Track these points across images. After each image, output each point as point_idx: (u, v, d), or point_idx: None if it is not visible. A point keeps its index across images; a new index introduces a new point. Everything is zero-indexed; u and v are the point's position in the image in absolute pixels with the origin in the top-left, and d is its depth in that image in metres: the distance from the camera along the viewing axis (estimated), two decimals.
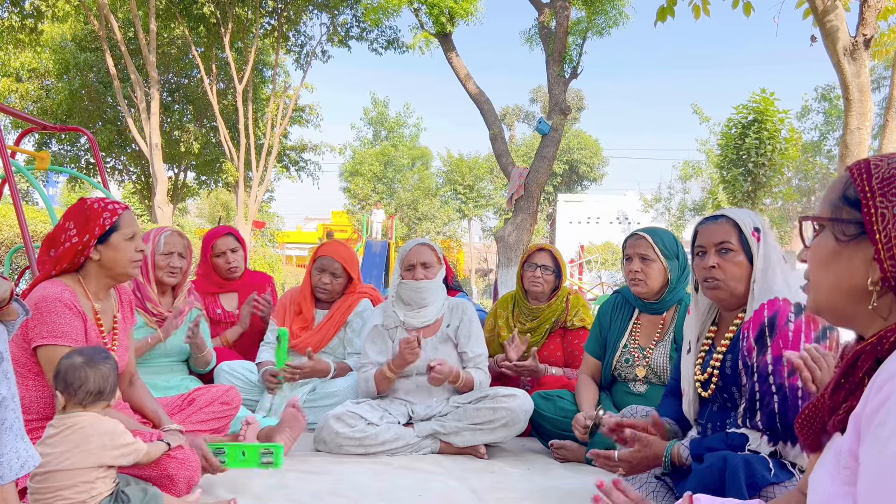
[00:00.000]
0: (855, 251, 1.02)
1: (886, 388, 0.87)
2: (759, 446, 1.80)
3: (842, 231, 1.04)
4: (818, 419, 1.05)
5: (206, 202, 37.02)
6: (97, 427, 1.80)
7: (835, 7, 5.08)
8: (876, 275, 0.99)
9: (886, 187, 0.99)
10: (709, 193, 17.86)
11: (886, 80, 21.00)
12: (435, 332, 3.11)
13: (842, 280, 1.04)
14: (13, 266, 6.07)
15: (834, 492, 0.94)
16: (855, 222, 1.02)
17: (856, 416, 0.93)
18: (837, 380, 1.01)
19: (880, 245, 0.98)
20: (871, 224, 0.99)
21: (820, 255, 1.08)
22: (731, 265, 1.95)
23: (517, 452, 3.05)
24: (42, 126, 5.05)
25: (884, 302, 0.99)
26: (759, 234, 1.95)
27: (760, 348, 1.84)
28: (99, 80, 18.10)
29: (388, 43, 17.58)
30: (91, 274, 2.20)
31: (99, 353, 1.90)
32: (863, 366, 0.97)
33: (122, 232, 2.20)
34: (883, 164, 1.01)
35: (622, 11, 12.32)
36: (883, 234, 0.98)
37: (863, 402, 0.92)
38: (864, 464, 0.88)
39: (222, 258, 3.71)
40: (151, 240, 3.04)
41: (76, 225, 2.17)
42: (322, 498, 2.31)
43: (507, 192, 12.30)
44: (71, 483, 1.74)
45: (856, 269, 1.02)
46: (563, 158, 36.42)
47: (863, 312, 1.01)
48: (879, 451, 0.85)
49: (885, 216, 0.98)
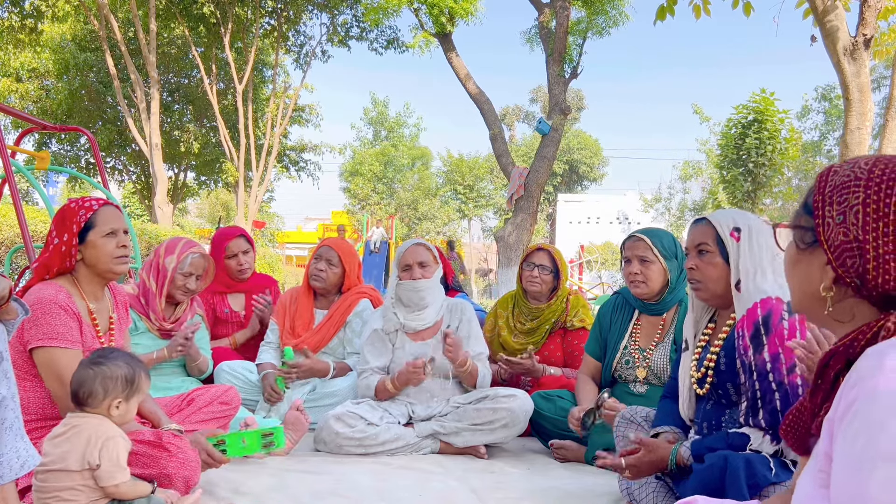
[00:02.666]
0: (811, 258, 1.04)
1: (855, 390, 0.87)
2: (760, 445, 1.79)
3: (801, 238, 1.07)
4: (802, 422, 1.05)
5: (206, 202, 37.04)
6: (99, 430, 1.79)
7: (835, 7, 5.09)
8: (828, 281, 1.00)
9: (836, 195, 1.00)
10: (709, 193, 17.85)
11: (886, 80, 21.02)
12: (435, 332, 3.11)
13: (804, 285, 1.06)
14: (13, 266, 6.07)
15: (813, 494, 0.94)
16: (811, 230, 1.04)
17: (829, 419, 0.94)
18: (815, 382, 1.02)
19: (828, 254, 0.99)
20: (820, 233, 1.01)
21: (787, 262, 1.11)
22: (708, 266, 2.00)
23: (517, 452, 3.05)
24: (42, 126, 5.05)
25: (844, 306, 1.00)
26: (738, 234, 1.96)
27: (756, 347, 1.85)
28: (99, 80, 18.12)
29: (388, 43, 17.60)
30: (82, 274, 2.19)
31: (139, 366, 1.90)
32: (835, 366, 0.97)
33: (98, 229, 2.16)
34: (841, 171, 1.02)
35: (622, 11, 12.34)
36: (829, 243, 0.99)
37: (835, 405, 0.92)
38: (835, 465, 0.88)
39: (234, 260, 3.72)
40: (177, 254, 2.99)
41: (56, 226, 2.17)
42: (322, 498, 2.31)
43: (507, 192, 12.31)
44: (66, 485, 1.74)
45: (813, 275, 1.03)
46: (563, 158, 36.41)
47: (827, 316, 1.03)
48: (848, 452, 0.85)
49: (830, 225, 0.99)
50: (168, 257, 2.97)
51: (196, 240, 3.69)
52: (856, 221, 0.96)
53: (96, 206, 2.18)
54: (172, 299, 3.02)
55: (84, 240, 2.15)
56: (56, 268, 2.14)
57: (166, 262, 2.96)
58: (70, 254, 2.14)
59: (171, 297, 3.00)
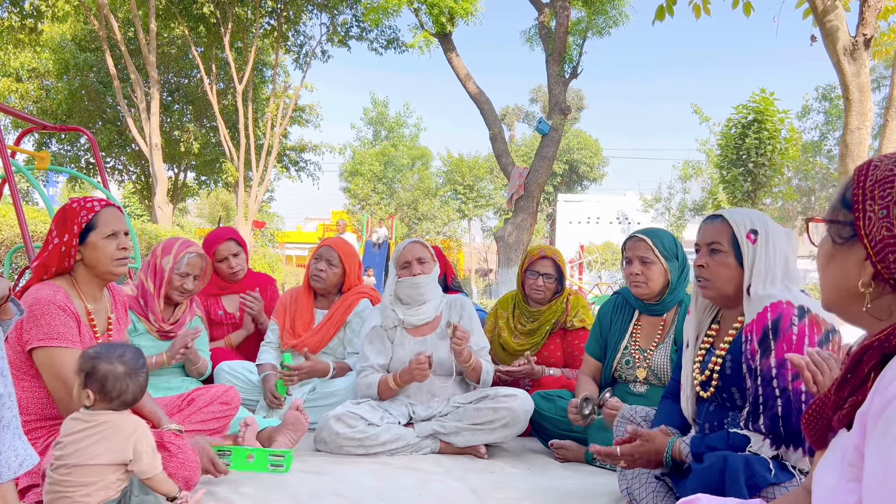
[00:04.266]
0: (849, 253, 1.02)
1: (893, 386, 0.86)
2: (760, 449, 1.78)
3: (837, 233, 1.04)
4: (824, 415, 1.04)
5: (206, 202, 37.02)
6: (125, 425, 1.81)
7: (835, 7, 5.09)
8: (867, 277, 0.98)
9: (877, 189, 0.98)
10: (709, 193, 17.85)
11: (886, 80, 21.01)
12: (435, 328, 3.11)
13: (839, 281, 1.04)
14: (13, 266, 6.06)
15: (840, 488, 0.94)
16: (849, 224, 1.02)
17: (862, 412, 0.93)
18: (844, 375, 1.00)
19: (868, 249, 0.98)
20: (860, 227, 0.99)
21: (820, 257, 1.09)
22: (720, 266, 1.94)
23: (517, 452, 3.05)
24: (42, 126, 5.05)
25: (882, 303, 0.99)
26: (755, 236, 1.91)
27: (764, 351, 1.81)
28: (99, 80, 18.11)
29: (388, 43, 17.59)
30: (81, 275, 2.19)
31: (138, 359, 1.89)
32: (869, 361, 0.96)
33: (99, 230, 2.16)
34: (882, 165, 1.00)
35: (622, 11, 12.34)
36: (869, 238, 0.98)
37: (869, 399, 0.91)
38: (869, 461, 0.88)
39: (224, 263, 3.71)
40: (174, 255, 2.97)
41: (57, 226, 2.16)
42: (322, 498, 2.31)
43: (507, 192, 12.31)
44: (94, 479, 1.75)
45: (850, 270, 1.02)
46: (563, 158, 36.40)
47: (864, 313, 1.01)
48: (885, 449, 0.85)
49: (872, 219, 0.98)
50: (165, 258, 2.96)
51: (195, 240, 3.67)
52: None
53: (98, 207, 2.18)
54: (171, 300, 3.01)
55: (84, 241, 2.15)
56: (55, 268, 2.14)
57: (163, 262, 2.95)
58: (69, 254, 2.13)
59: (170, 298, 2.99)
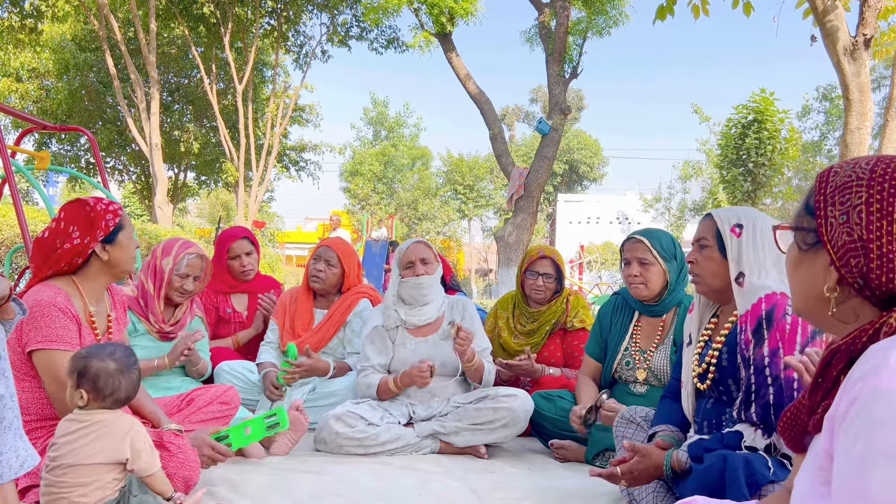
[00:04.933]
0: (814, 259, 1.03)
1: (857, 387, 0.87)
2: (753, 441, 1.80)
3: (802, 239, 1.06)
4: (800, 420, 1.05)
5: (206, 202, 37.03)
6: (120, 424, 1.82)
7: (835, 7, 5.08)
8: (832, 282, 0.99)
9: (837, 196, 1.00)
10: (709, 193, 17.84)
11: (886, 80, 21.02)
12: (436, 329, 3.11)
13: (806, 287, 1.06)
14: (13, 266, 6.06)
15: (814, 492, 0.94)
16: (813, 230, 1.03)
17: (830, 416, 0.93)
18: (815, 380, 1.01)
19: (832, 254, 0.99)
20: (823, 233, 1.00)
21: (788, 263, 1.11)
22: (706, 260, 2.03)
23: (517, 452, 3.05)
24: (42, 126, 5.06)
25: (847, 307, 1.00)
26: (740, 230, 1.96)
27: (757, 341, 1.85)
28: (99, 80, 18.11)
29: (388, 42, 17.60)
30: (92, 274, 2.20)
31: (129, 357, 1.89)
32: (837, 365, 0.97)
33: (126, 230, 2.23)
34: (841, 171, 1.02)
35: (622, 11, 12.34)
36: (832, 244, 0.99)
37: (836, 402, 0.92)
38: (836, 463, 0.88)
39: (237, 261, 3.72)
40: (174, 256, 2.96)
41: (79, 227, 2.16)
42: (322, 498, 2.31)
43: (507, 192, 12.31)
44: (90, 479, 1.75)
45: (816, 276, 1.03)
46: (563, 158, 36.40)
47: (831, 317, 1.02)
48: (849, 450, 0.85)
49: (833, 225, 0.99)
50: (165, 259, 2.95)
51: (195, 240, 3.68)
52: (859, 221, 0.96)
53: (121, 211, 2.25)
54: (171, 301, 3.01)
55: (113, 240, 2.19)
56: (62, 265, 2.14)
57: (163, 263, 2.94)
58: (82, 254, 2.15)
59: (170, 298, 2.99)
